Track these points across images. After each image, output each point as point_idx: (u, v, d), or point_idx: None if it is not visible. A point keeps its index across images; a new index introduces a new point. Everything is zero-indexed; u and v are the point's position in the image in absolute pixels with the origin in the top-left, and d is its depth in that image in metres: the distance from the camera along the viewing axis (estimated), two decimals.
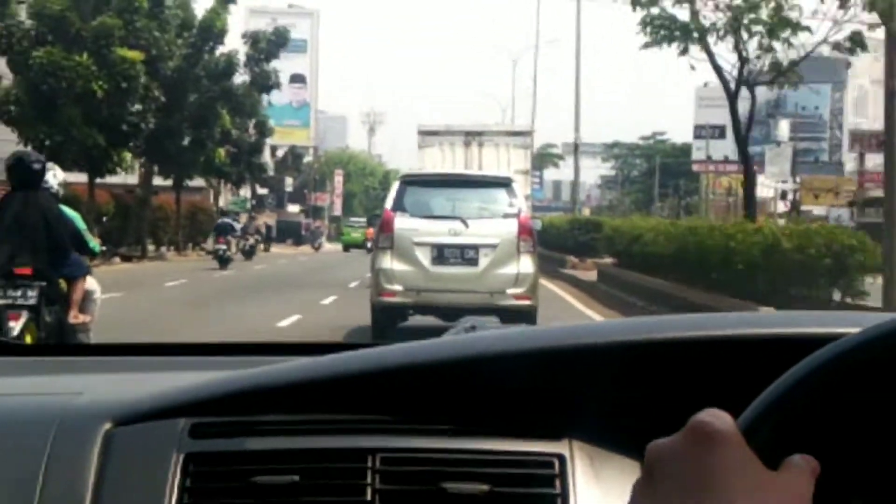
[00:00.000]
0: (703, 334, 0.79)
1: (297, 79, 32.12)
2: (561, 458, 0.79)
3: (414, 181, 8.76)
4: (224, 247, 20.14)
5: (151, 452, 0.80)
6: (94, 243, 5.60)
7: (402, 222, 7.96)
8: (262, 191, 33.98)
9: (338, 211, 40.93)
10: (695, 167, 33.74)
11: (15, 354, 1.44)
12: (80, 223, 5.35)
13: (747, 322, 0.84)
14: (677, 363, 0.77)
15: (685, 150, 39.67)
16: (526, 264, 7.90)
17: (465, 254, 7.98)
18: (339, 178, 42.18)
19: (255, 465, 0.78)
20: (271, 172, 33.62)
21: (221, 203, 29.81)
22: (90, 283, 5.21)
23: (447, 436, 0.81)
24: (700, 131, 32.84)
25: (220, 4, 21.38)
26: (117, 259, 19.87)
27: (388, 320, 8.09)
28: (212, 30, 21.16)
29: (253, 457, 0.79)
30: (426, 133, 16.13)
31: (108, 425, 0.83)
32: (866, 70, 29.98)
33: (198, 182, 26.60)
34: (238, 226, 23.62)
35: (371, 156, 49.86)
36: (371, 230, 14.18)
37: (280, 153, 34.52)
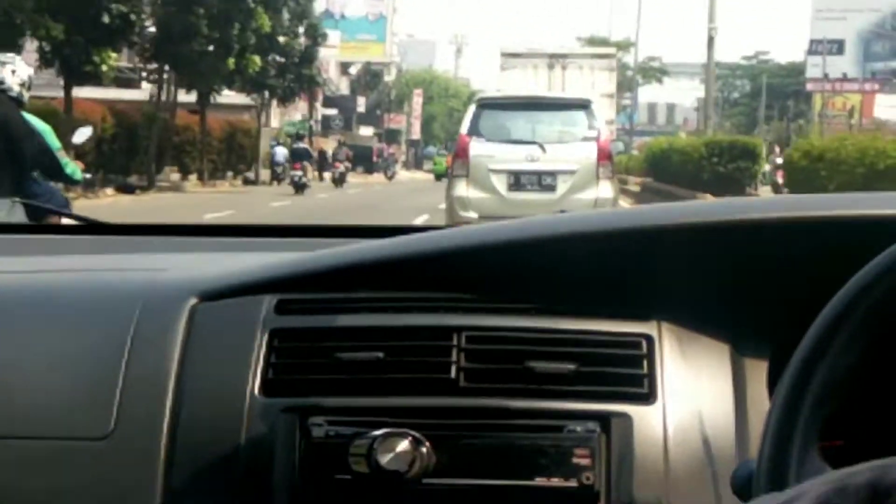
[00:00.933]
0: (789, 215, 0.78)
1: None
2: (649, 338, 0.78)
3: (490, 104, 8.54)
4: (300, 173, 19.46)
5: (237, 328, 0.81)
6: (74, 167, 4.18)
7: (477, 148, 7.80)
8: (329, 111, 31.09)
9: (416, 135, 39.97)
10: (809, 86, 31.22)
11: (97, 233, 1.44)
12: (53, 140, 4.00)
13: (835, 203, 0.79)
14: (766, 244, 0.75)
15: (791, 70, 37.45)
16: (605, 190, 7.64)
17: (542, 180, 7.79)
18: (417, 99, 39.95)
19: (339, 342, 0.78)
20: (334, 88, 31.00)
21: (275, 123, 27.06)
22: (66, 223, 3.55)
23: (533, 315, 0.80)
24: (816, 46, 30.09)
25: None
26: (108, 190, 15.69)
27: None
28: None
29: (338, 333, 0.80)
30: (509, 55, 15.99)
31: (193, 300, 0.83)
32: None
33: (240, 98, 22.70)
34: (313, 152, 22.52)
35: (456, 77, 48.58)
36: (450, 157, 14.45)
37: (354, 70, 32.89)
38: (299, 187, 19.19)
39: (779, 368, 0.59)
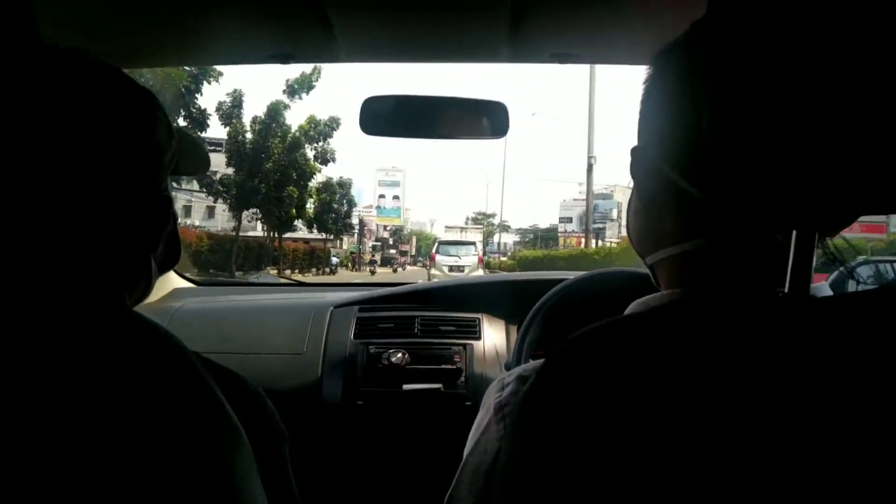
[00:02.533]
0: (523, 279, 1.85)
1: (396, 197, 58.48)
2: (479, 319, 1.79)
3: (442, 242, 22.67)
4: (373, 267, 33.25)
5: (346, 316, 1.78)
6: None
7: (438, 258, 21.18)
8: (375, 242, 53.70)
9: (413, 252, 69.38)
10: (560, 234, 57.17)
11: (294, 286, 2.45)
12: None
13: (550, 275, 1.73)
14: (526, 289, 1.49)
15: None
16: (479, 271, 21.42)
17: (459, 268, 20.74)
18: (414, 239, 73.41)
19: (380, 321, 1.77)
20: (375, 233, 56.85)
21: (345, 246, 43.43)
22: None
23: (442, 310, 1.80)
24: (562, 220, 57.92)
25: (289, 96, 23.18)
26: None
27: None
28: (279, 113, 22.96)
29: (379, 318, 1.78)
30: (448, 227, 38.85)
31: (332, 308, 1.79)
32: None
33: (316, 234, 31.76)
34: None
35: (430, 231, 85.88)
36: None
37: (389, 227, 59.00)
38: (372, 273, 32.62)
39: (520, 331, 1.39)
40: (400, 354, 1.67)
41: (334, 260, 32.30)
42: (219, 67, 15.31)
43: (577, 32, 1.22)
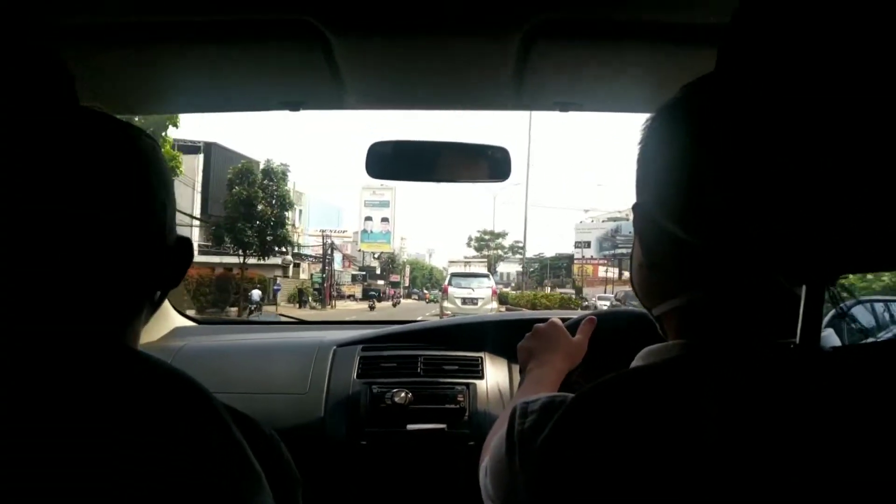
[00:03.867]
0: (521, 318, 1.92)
1: (385, 219, 54.43)
2: (481, 358, 1.79)
3: (454, 275, 22.58)
4: (373, 302, 34.43)
5: (349, 355, 1.78)
6: None
7: (451, 290, 21.03)
8: (358, 272, 51.93)
9: (406, 283, 67.95)
10: (576, 264, 56.16)
11: (295, 324, 2.50)
12: None
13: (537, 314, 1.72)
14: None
15: (561, 257, 64.33)
16: (493, 304, 21.51)
17: (473, 301, 19.88)
18: (408, 269, 71.32)
19: (383, 360, 1.77)
20: (360, 261, 54.00)
21: (305, 275, 39.57)
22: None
23: (446, 349, 1.80)
24: (578, 244, 56.92)
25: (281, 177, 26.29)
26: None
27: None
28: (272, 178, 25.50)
29: (382, 357, 1.79)
30: (451, 261, 39.98)
31: (335, 347, 1.80)
32: None
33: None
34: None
35: (428, 262, 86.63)
36: (427, 294, 30.85)
37: (378, 254, 56.15)
38: (371, 308, 31.65)
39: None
40: (403, 394, 1.67)
41: (255, 294, 25.32)
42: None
43: (580, 83, 1.25)
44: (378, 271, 59.53)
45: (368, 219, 55.52)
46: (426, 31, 1.07)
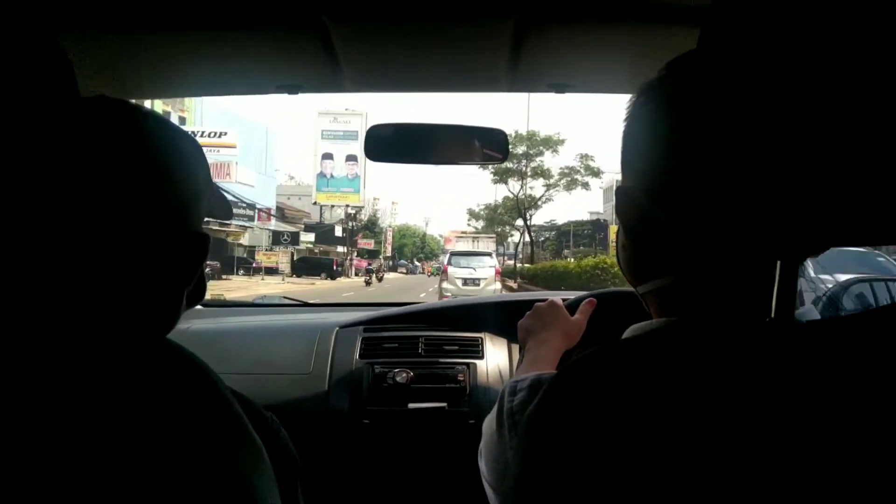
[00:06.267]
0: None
1: (351, 158, 40.73)
2: (482, 338, 1.81)
3: (455, 254, 22.41)
4: (369, 277, 31.81)
5: (351, 336, 1.82)
6: None
7: (451, 270, 20.90)
8: (286, 236, 39.11)
9: (388, 253, 58.51)
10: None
11: (298, 307, 2.50)
12: None
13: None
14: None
15: (583, 223, 59.52)
16: (496, 284, 21.45)
17: (474, 282, 18.83)
18: (390, 233, 59.88)
19: (384, 341, 1.81)
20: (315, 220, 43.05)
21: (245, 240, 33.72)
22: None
23: (447, 330, 1.84)
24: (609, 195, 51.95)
25: None
26: None
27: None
28: None
29: (383, 338, 1.82)
30: (457, 234, 34.06)
31: (337, 328, 1.85)
32: None
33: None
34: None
35: (426, 234, 78.88)
36: (428, 267, 29.37)
37: (339, 211, 43.73)
38: (368, 283, 30.81)
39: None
40: (405, 374, 1.71)
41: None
42: None
43: (573, 65, 1.27)
44: (338, 233, 45.20)
45: (328, 157, 40.97)
46: (422, 16, 1.09)
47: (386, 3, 1.05)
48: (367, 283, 30.83)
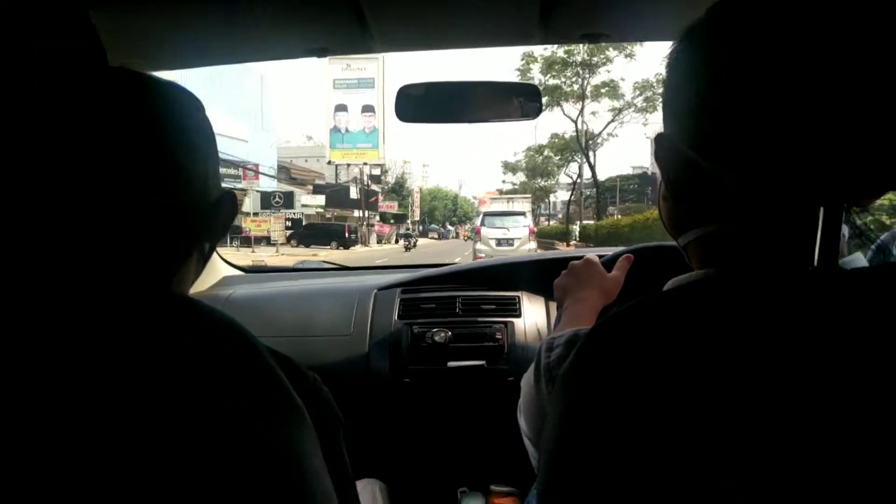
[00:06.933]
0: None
1: (367, 108, 35.47)
2: (518, 297, 1.82)
3: (488, 213, 22.20)
4: (408, 243, 31.96)
5: (390, 298, 1.85)
6: None
7: (484, 231, 20.27)
8: (277, 190, 35.02)
9: (417, 217, 55.84)
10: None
11: (339, 270, 2.54)
12: None
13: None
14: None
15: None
16: (531, 246, 21.18)
17: (508, 242, 18.03)
18: (417, 195, 56.80)
19: (422, 302, 1.82)
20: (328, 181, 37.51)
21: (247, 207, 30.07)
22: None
23: (486, 289, 1.84)
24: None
25: None
26: None
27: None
28: None
29: (421, 299, 1.83)
30: (492, 196, 33.08)
31: (376, 290, 1.88)
32: None
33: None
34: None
35: (459, 196, 76.43)
36: (465, 231, 28.71)
37: (355, 170, 38.08)
38: (407, 248, 31.53)
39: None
40: (443, 333, 1.72)
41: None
42: None
43: (607, 11, 1.22)
44: (352, 195, 39.51)
45: (341, 108, 35.35)
46: None
47: None
48: (407, 248, 30.69)
